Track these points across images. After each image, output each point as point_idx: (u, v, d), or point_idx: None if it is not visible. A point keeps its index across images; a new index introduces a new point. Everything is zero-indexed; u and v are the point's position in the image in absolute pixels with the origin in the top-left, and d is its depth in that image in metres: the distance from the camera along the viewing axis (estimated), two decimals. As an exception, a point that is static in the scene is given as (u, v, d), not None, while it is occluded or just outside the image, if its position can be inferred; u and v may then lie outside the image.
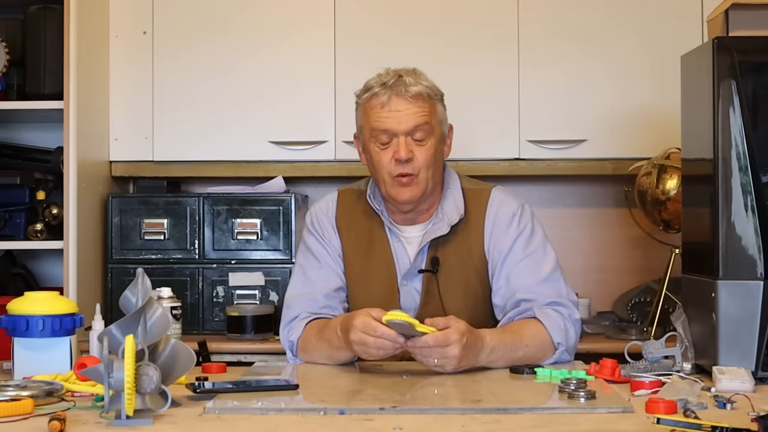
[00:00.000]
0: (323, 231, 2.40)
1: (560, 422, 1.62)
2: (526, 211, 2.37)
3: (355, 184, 2.48)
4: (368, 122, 2.31)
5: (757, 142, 2.01)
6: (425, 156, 2.29)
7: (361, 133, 2.37)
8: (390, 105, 2.27)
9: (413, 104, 2.27)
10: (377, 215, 2.38)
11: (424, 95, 2.28)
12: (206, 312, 3.31)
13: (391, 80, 2.28)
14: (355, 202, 2.42)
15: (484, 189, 2.40)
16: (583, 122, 3.39)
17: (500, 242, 2.33)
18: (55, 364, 2.01)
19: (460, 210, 2.35)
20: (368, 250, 2.37)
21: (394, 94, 2.27)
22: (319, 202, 2.46)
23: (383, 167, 2.30)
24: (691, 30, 3.28)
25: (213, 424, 1.62)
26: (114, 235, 3.33)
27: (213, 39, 3.43)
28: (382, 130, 2.28)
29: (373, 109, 2.29)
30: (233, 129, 3.43)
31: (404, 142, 2.27)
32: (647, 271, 3.54)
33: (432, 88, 2.32)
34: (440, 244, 2.33)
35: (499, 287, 2.31)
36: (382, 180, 2.32)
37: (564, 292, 2.29)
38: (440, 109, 2.34)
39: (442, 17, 3.41)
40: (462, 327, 2.03)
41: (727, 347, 2.00)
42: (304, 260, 2.41)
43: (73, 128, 3.11)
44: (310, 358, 2.27)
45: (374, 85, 2.31)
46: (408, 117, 2.27)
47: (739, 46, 2.06)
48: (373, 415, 1.67)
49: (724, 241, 2.02)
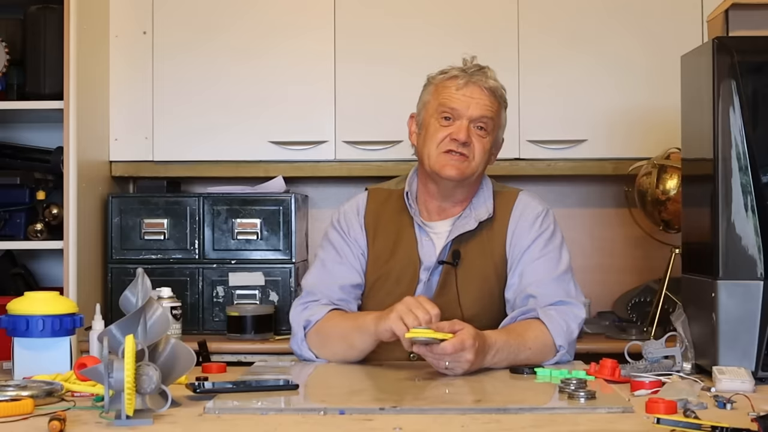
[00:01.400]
0: (349, 229, 2.42)
1: (560, 422, 1.62)
2: (550, 215, 2.41)
3: (384, 183, 2.51)
4: (438, 98, 2.35)
5: (757, 142, 2.01)
6: (481, 147, 2.33)
7: (423, 109, 2.40)
8: (465, 89, 2.33)
9: (486, 96, 2.33)
10: (408, 213, 2.40)
11: (497, 93, 2.35)
12: (206, 312, 3.31)
13: (472, 69, 2.35)
14: (384, 200, 2.45)
15: (512, 192, 2.45)
16: (583, 122, 3.39)
17: (520, 241, 2.36)
18: (55, 364, 2.02)
19: (489, 209, 2.39)
20: (394, 249, 2.39)
21: (472, 81, 2.33)
22: (349, 201, 2.49)
23: (436, 142, 2.33)
24: (691, 30, 3.28)
25: (213, 424, 1.62)
26: (114, 235, 3.33)
27: (213, 39, 3.43)
28: (450, 108, 2.32)
29: (448, 88, 2.34)
30: (233, 129, 3.43)
31: (466, 126, 2.31)
32: (647, 271, 3.54)
33: (504, 93, 2.39)
34: (464, 240, 2.36)
35: (512, 283, 2.34)
36: (429, 153, 2.34)
37: (573, 293, 2.32)
38: (503, 116, 2.41)
39: (442, 18, 3.41)
40: (472, 331, 2.04)
41: (727, 347, 2.01)
42: (324, 254, 2.43)
43: (73, 128, 3.11)
44: (323, 342, 2.27)
45: (453, 70, 2.37)
46: (478, 105, 2.32)
47: (739, 46, 2.06)
48: (373, 415, 1.67)
49: (724, 241, 2.02)
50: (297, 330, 2.32)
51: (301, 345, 2.30)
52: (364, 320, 2.21)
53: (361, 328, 2.21)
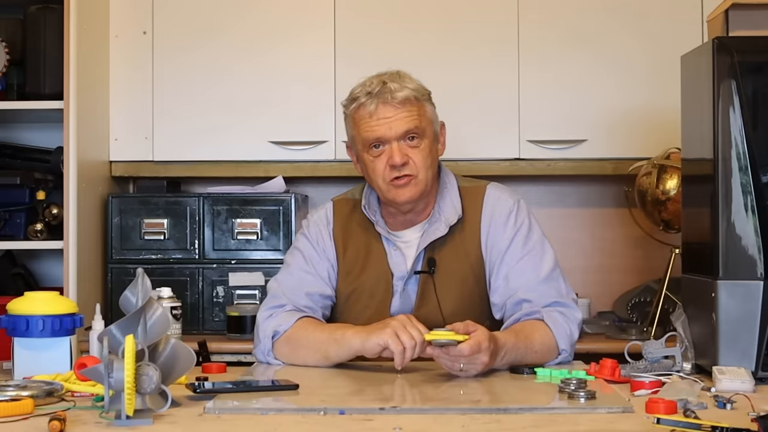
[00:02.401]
0: (319, 239, 2.39)
1: (560, 422, 1.62)
2: (522, 208, 2.36)
3: (349, 192, 2.48)
4: (359, 133, 2.30)
5: (757, 142, 2.01)
6: (421, 157, 2.28)
7: (353, 143, 2.36)
8: (378, 113, 2.26)
9: (401, 109, 2.26)
10: (372, 226, 2.37)
11: (411, 99, 2.27)
12: (206, 312, 3.31)
13: (376, 88, 2.27)
14: (350, 213, 2.41)
15: (480, 186, 2.39)
16: (583, 122, 3.39)
17: (498, 240, 2.32)
18: (55, 364, 2.01)
19: (457, 210, 2.34)
20: (365, 262, 2.36)
21: (381, 102, 2.26)
22: (317, 212, 2.45)
23: (378, 175, 2.29)
24: (691, 30, 3.28)
25: (213, 424, 1.62)
26: (114, 235, 3.33)
27: (213, 39, 3.43)
28: (374, 139, 2.27)
29: (362, 119, 2.28)
30: (233, 129, 3.43)
31: (397, 147, 2.26)
32: (647, 271, 3.54)
33: (418, 89, 2.30)
34: (437, 246, 2.32)
35: (497, 286, 2.31)
36: (379, 187, 2.31)
37: (564, 291, 2.30)
38: (429, 109, 2.33)
39: (441, 18, 3.41)
40: (487, 333, 2.03)
41: (727, 347, 2.00)
42: (292, 259, 2.39)
43: (73, 128, 3.11)
44: (293, 351, 2.22)
45: (360, 95, 2.30)
46: (398, 123, 2.26)
47: (739, 46, 2.06)
48: (373, 415, 1.67)
49: (724, 241, 2.02)
50: (264, 340, 2.25)
51: (268, 356, 2.24)
52: (343, 334, 2.15)
53: (339, 342, 2.16)
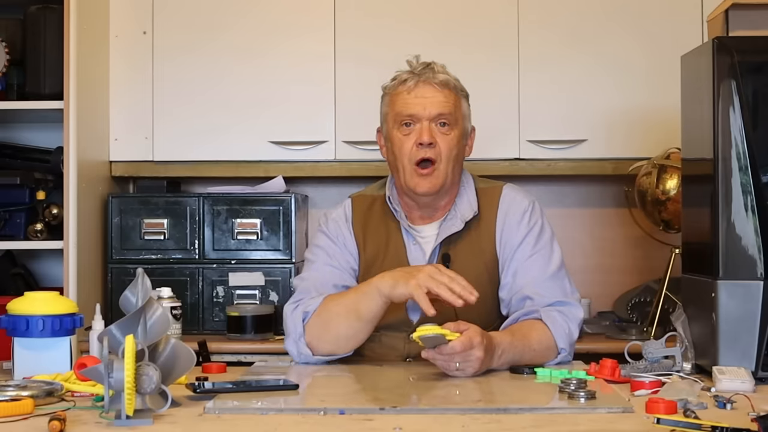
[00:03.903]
0: (339, 235, 2.39)
1: (560, 422, 1.62)
2: (537, 209, 2.39)
3: (366, 189, 2.49)
4: (393, 108, 2.33)
5: (757, 142, 2.01)
6: (447, 145, 2.30)
7: (384, 121, 2.38)
8: (416, 91, 2.30)
9: (440, 92, 2.30)
10: (394, 218, 2.38)
11: (450, 85, 2.32)
12: (206, 312, 3.31)
13: (419, 68, 2.33)
14: (369, 207, 2.43)
15: (496, 186, 2.42)
16: (582, 122, 3.39)
17: (511, 238, 2.34)
18: (55, 364, 2.02)
19: (473, 207, 2.36)
20: (385, 255, 2.37)
21: (422, 80, 2.31)
22: (336, 209, 2.45)
23: (405, 154, 2.31)
24: (691, 30, 3.28)
25: (213, 424, 1.62)
26: (114, 235, 3.33)
27: (213, 39, 3.43)
28: (407, 115, 2.30)
29: (400, 95, 2.32)
30: (233, 129, 3.43)
31: (428, 127, 2.29)
32: (647, 271, 3.54)
33: (458, 83, 2.36)
34: (452, 242, 2.34)
35: (506, 282, 2.33)
36: (402, 168, 2.32)
37: (569, 291, 2.32)
38: (465, 106, 2.37)
39: (441, 18, 3.41)
40: (479, 329, 2.03)
41: (727, 347, 2.00)
42: (314, 256, 2.39)
43: (73, 128, 3.11)
44: (325, 325, 2.20)
45: (402, 74, 2.35)
46: (434, 103, 2.30)
47: (739, 46, 2.06)
48: (373, 415, 1.67)
49: (724, 241, 2.02)
50: (295, 326, 2.23)
51: (299, 341, 2.22)
52: (368, 286, 2.18)
53: (367, 293, 2.17)
